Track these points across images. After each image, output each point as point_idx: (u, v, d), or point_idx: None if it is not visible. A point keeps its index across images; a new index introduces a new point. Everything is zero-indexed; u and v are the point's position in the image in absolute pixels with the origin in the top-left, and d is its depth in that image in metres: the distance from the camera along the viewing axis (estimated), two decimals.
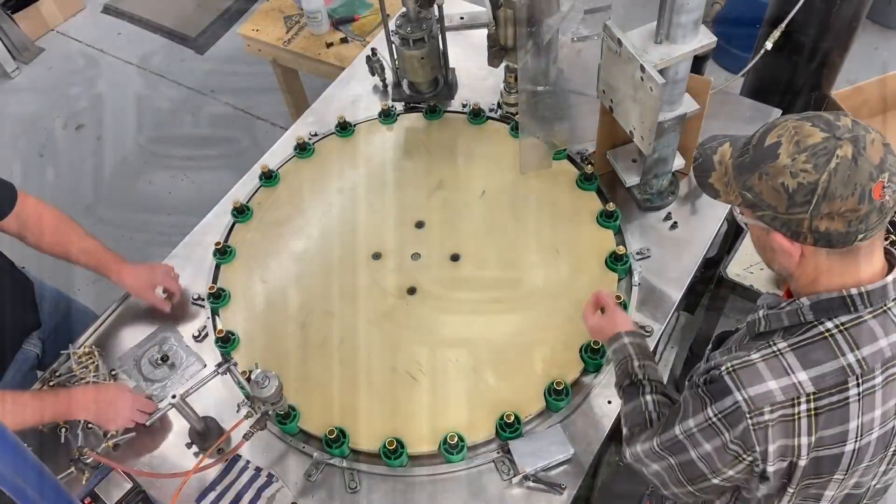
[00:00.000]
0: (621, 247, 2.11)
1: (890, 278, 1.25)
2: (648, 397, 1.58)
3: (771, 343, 1.28)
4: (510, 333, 2.02)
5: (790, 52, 2.49)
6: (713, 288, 2.50)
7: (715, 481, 1.36)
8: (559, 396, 1.88)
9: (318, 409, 1.94)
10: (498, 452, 1.85)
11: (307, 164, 2.44)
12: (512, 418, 1.84)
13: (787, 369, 1.25)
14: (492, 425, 1.87)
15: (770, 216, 1.23)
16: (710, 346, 1.60)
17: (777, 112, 2.44)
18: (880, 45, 4.13)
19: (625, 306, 2.02)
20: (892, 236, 2.27)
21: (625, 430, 1.59)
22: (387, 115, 2.52)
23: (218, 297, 2.14)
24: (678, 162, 2.19)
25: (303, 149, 2.45)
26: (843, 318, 1.25)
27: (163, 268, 2.16)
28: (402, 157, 2.44)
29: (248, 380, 1.79)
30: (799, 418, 1.25)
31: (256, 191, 2.40)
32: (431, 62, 2.41)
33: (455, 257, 2.18)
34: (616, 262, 2.10)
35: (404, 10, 2.32)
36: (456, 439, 1.81)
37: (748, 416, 1.25)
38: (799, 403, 1.24)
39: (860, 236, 1.18)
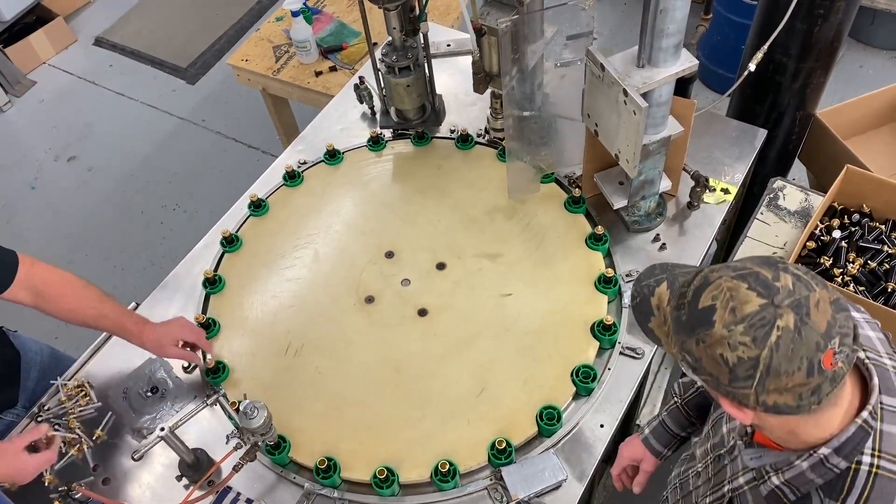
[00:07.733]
0: (610, 269, 2.11)
1: (875, 388, 1.16)
2: None
3: None
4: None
5: (774, 73, 2.51)
6: None
7: None
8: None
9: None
10: (491, 479, 1.84)
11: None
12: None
13: None
14: (484, 452, 1.86)
15: (713, 383, 1.11)
16: None
17: (762, 133, 2.45)
18: (865, 64, 4.18)
19: (615, 328, 2.02)
20: (887, 248, 2.26)
21: None
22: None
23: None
24: (665, 184, 2.20)
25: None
26: (869, 445, 1.14)
27: (178, 321, 2.05)
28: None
29: (237, 411, 1.77)
30: None
31: (246, 220, 2.40)
32: (418, 90, 2.43)
33: (441, 265, 2.21)
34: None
35: (390, 38, 2.35)
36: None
37: None
38: None
39: (813, 406, 1.06)
